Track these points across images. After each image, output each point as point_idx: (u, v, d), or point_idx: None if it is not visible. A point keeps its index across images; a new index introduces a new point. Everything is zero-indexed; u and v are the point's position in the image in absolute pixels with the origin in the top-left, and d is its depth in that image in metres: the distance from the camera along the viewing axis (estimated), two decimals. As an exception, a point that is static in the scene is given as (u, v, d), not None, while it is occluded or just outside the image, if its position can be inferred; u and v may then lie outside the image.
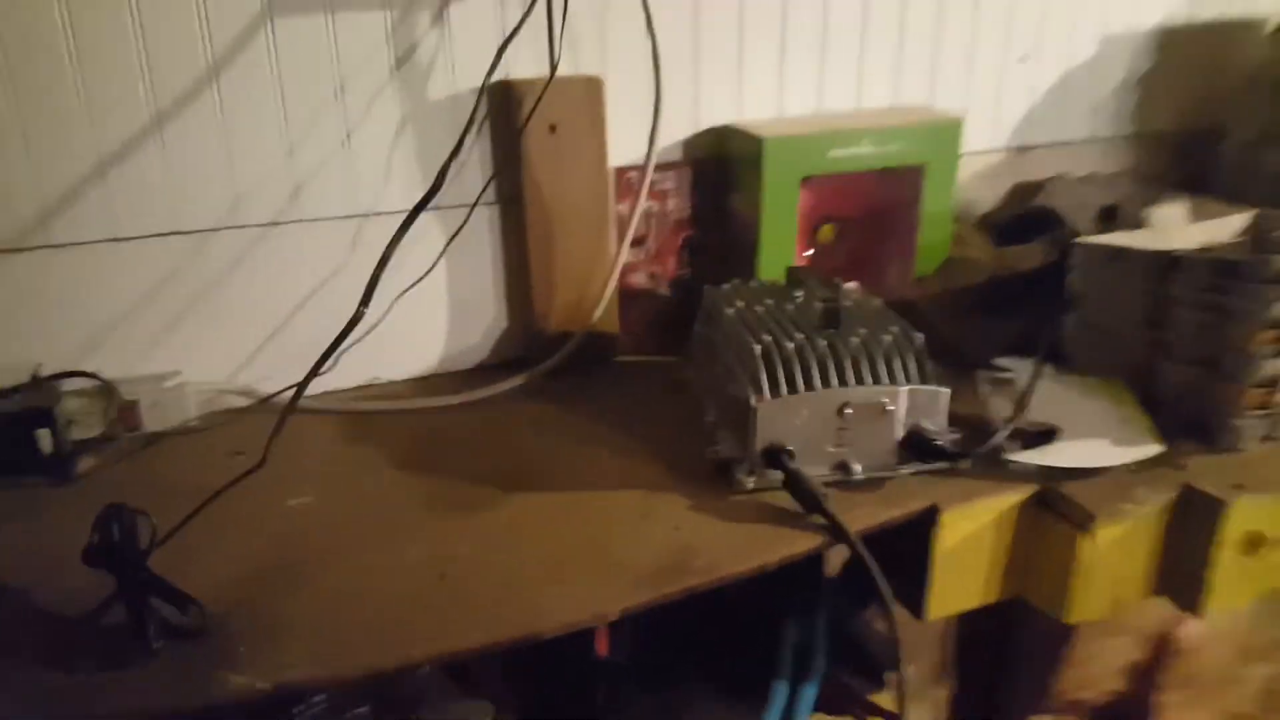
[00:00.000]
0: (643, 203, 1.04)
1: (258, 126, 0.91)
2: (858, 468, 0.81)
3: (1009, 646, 1.32)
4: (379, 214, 0.96)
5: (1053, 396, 0.90)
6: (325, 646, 0.63)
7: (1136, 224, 1.10)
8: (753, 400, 0.79)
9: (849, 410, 0.80)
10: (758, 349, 0.81)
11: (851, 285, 0.93)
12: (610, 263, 1.03)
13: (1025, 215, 1.15)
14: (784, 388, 0.80)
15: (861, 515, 0.77)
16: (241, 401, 0.97)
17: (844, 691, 0.87)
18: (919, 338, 0.83)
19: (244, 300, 0.95)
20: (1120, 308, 0.93)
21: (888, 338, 0.83)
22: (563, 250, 1.01)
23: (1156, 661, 1.74)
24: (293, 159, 0.93)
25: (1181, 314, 0.87)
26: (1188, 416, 0.87)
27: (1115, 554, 0.80)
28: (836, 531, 0.75)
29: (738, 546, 0.74)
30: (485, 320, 1.06)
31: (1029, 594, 0.84)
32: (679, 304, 1.10)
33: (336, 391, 1.00)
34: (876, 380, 0.81)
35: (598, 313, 1.03)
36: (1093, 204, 1.16)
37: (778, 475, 0.80)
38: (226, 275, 0.94)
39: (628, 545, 0.74)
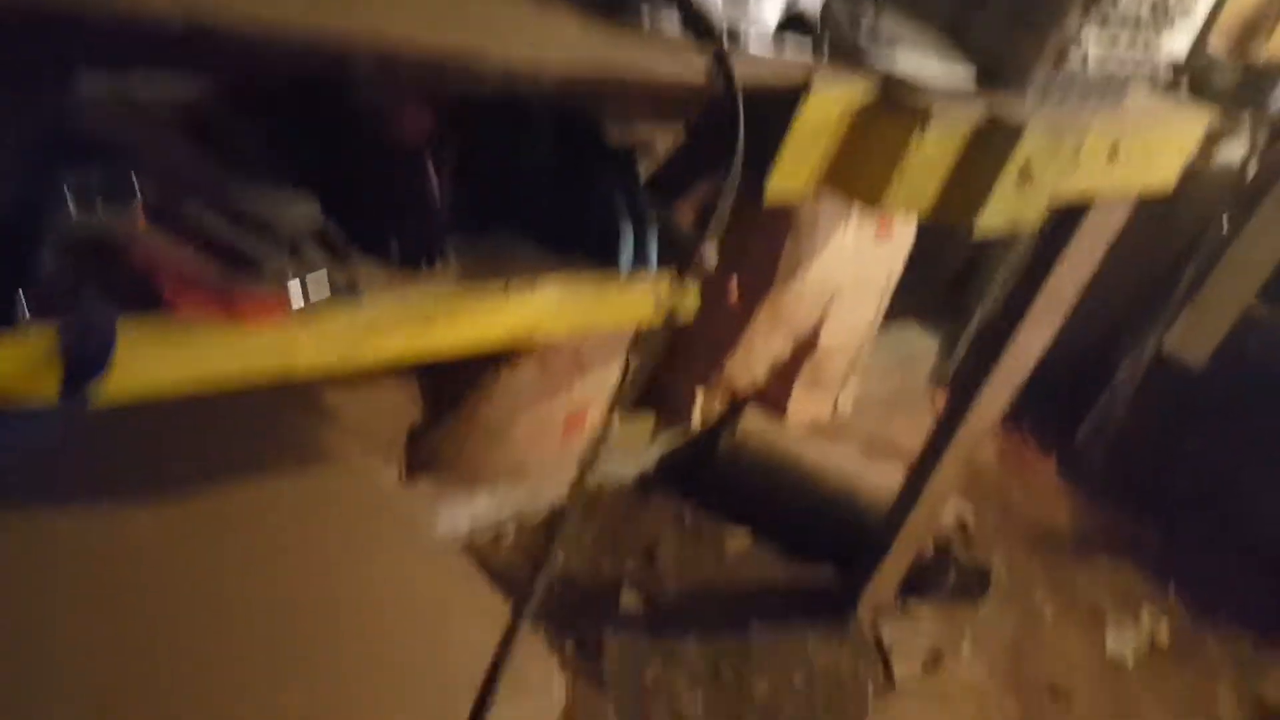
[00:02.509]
0: None
1: None
2: (744, 33, 0.82)
3: (683, 333, 1.42)
4: None
5: (896, 22, 0.96)
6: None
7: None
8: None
9: (747, -33, 0.80)
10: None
11: None
12: None
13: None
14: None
15: (741, 73, 0.77)
16: None
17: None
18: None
19: None
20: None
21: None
22: None
23: (796, 362, 2.01)
24: None
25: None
26: (989, 65, 0.98)
27: (931, 156, 0.89)
28: (725, 72, 0.75)
29: (639, 58, 0.72)
30: None
31: (847, 188, 0.91)
32: None
33: None
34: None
35: None
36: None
37: (671, 17, 0.78)
38: None
39: (551, 32, 0.69)
